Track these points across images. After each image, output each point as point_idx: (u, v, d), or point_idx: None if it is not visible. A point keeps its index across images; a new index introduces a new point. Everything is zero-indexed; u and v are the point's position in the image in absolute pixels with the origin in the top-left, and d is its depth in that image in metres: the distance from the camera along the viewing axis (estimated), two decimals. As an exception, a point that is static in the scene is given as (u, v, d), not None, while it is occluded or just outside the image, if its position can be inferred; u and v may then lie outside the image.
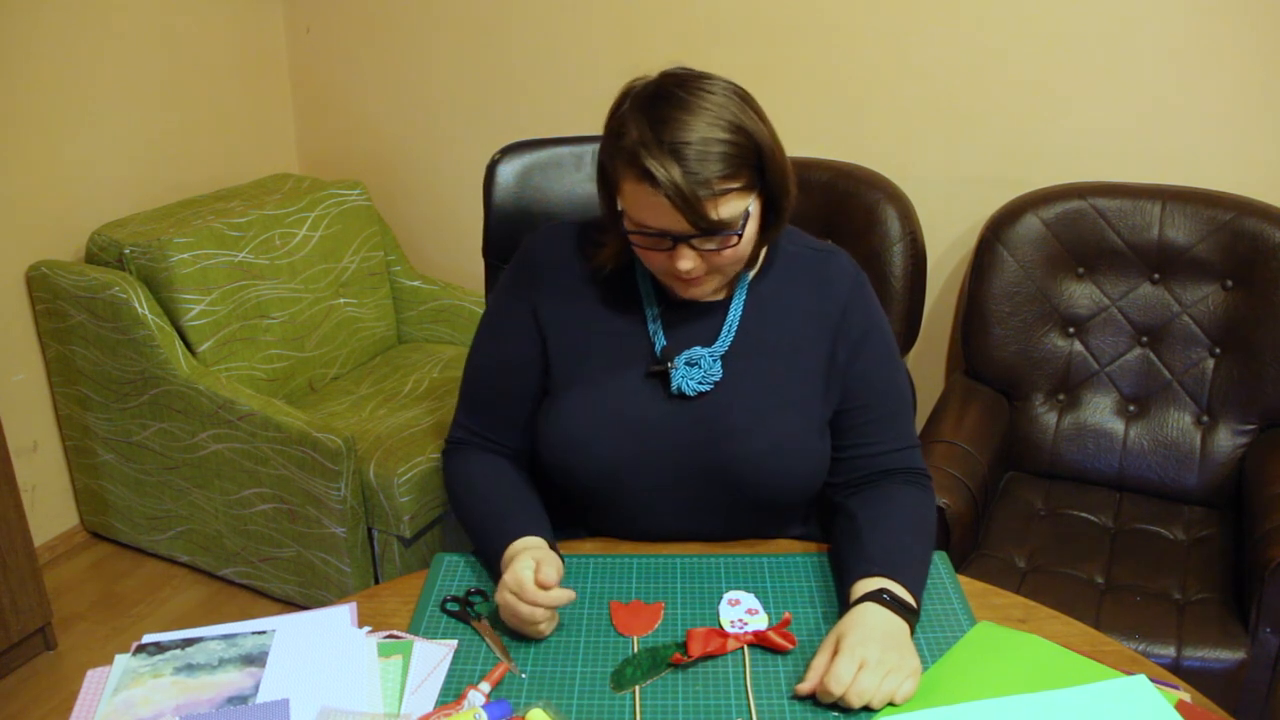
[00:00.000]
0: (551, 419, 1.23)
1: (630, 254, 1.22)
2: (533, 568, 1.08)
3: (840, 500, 1.25)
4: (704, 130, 1.07)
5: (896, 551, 1.14)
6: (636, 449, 1.20)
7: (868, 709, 0.99)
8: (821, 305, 1.24)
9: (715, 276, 1.17)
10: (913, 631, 1.08)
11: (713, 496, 1.23)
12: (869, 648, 1.00)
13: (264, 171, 2.84)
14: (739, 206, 1.10)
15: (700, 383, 1.20)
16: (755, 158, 1.10)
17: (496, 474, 1.28)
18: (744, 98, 1.13)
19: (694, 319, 1.23)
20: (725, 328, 1.22)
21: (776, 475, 1.21)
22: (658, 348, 1.22)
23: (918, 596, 1.11)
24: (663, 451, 1.21)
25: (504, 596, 1.09)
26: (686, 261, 1.11)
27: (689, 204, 1.06)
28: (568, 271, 1.26)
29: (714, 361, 1.20)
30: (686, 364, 1.20)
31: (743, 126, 1.09)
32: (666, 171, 1.05)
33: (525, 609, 1.06)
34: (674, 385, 1.20)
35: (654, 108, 1.09)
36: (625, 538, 1.28)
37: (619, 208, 1.14)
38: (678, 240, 1.10)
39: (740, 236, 1.11)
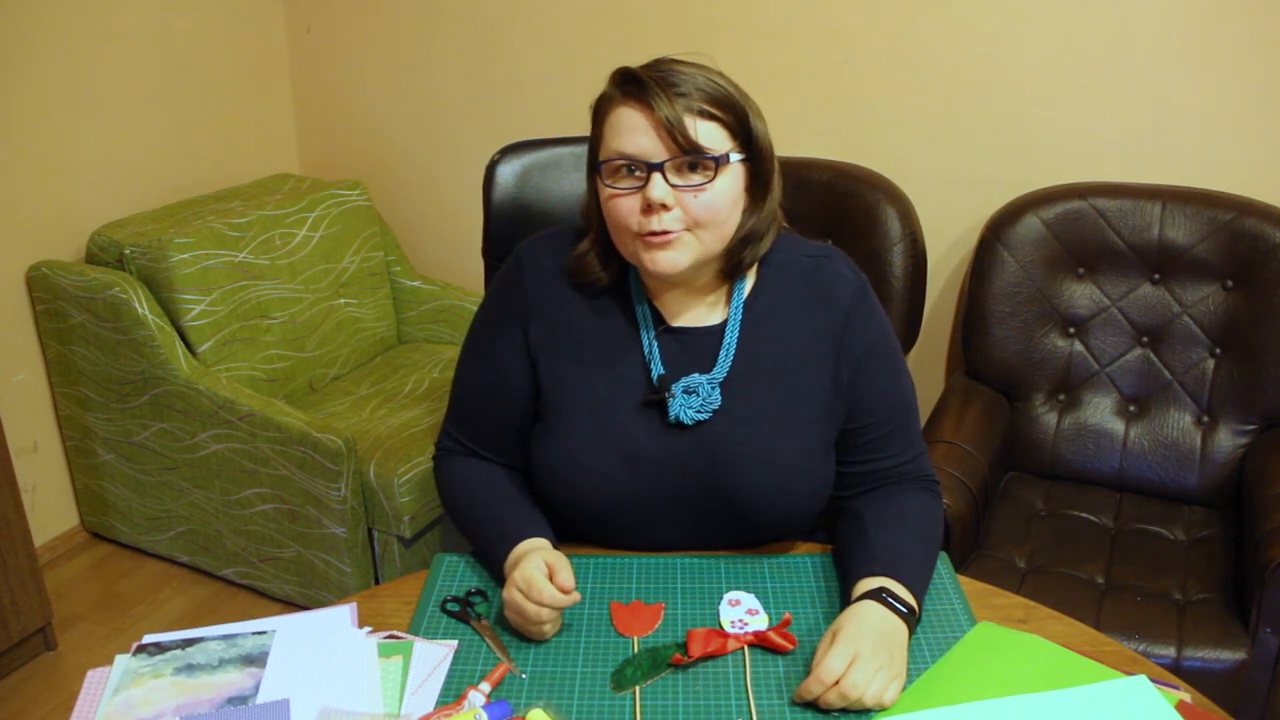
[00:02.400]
0: (547, 450, 1.21)
1: (623, 269, 1.20)
2: (543, 568, 1.08)
3: (847, 503, 1.25)
4: (694, 70, 1.11)
5: (901, 553, 1.13)
6: (635, 480, 1.18)
7: (861, 710, 0.99)
8: (821, 320, 1.20)
9: (689, 242, 1.11)
10: (911, 634, 1.07)
11: (714, 522, 1.22)
12: (862, 642, 1.00)
13: (264, 172, 2.84)
14: (721, 140, 1.10)
15: (699, 411, 1.16)
16: (743, 115, 1.11)
17: (490, 478, 1.27)
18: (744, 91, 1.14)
19: (691, 344, 1.20)
20: (723, 352, 1.18)
21: (778, 504, 1.19)
22: (654, 375, 1.18)
23: (920, 599, 1.10)
24: (662, 481, 1.18)
25: (512, 595, 1.08)
26: (658, 188, 1.07)
27: (675, 114, 1.06)
28: (560, 290, 1.22)
29: (712, 389, 1.17)
30: (684, 392, 1.17)
31: (729, 89, 1.11)
32: (652, 81, 1.08)
33: (532, 608, 1.06)
34: (672, 414, 1.17)
35: (646, 64, 1.13)
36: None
37: (599, 159, 1.13)
38: (653, 168, 1.08)
39: (716, 170, 1.09)
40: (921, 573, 1.13)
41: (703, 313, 1.21)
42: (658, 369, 1.19)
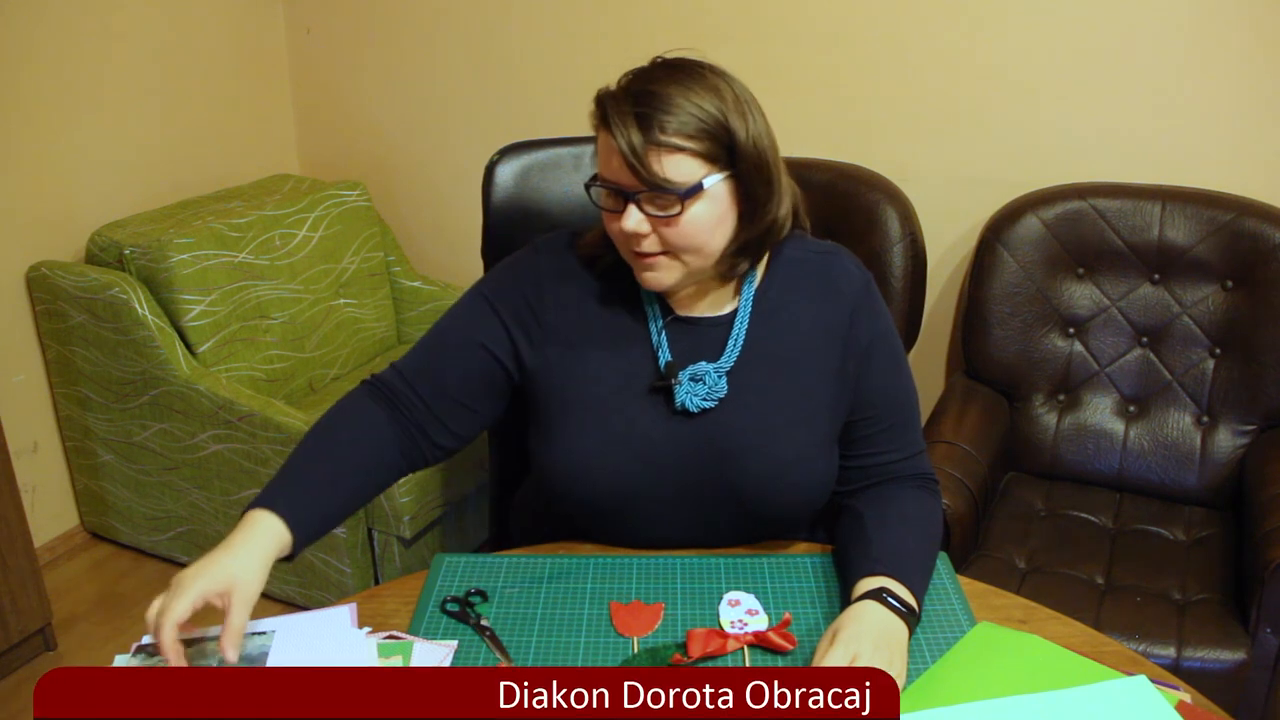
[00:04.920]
0: (554, 444, 1.20)
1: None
2: (209, 597, 0.98)
3: (847, 501, 1.25)
4: (675, 91, 1.06)
5: (901, 553, 1.13)
6: (641, 469, 1.18)
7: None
8: (828, 314, 1.21)
9: (671, 264, 1.12)
10: (911, 634, 1.07)
11: (718, 513, 1.22)
12: (862, 642, 1.00)
13: (264, 172, 2.84)
14: (691, 171, 1.06)
15: (705, 399, 1.17)
16: (724, 137, 1.07)
17: (355, 427, 1.18)
18: (739, 93, 1.10)
19: (699, 333, 1.20)
20: (730, 342, 1.19)
21: (783, 494, 1.19)
22: (661, 362, 1.19)
23: (920, 599, 1.11)
24: (668, 470, 1.18)
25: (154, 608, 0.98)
26: (630, 220, 1.08)
27: (634, 151, 1.04)
28: (570, 282, 1.22)
29: (719, 377, 1.17)
30: (691, 379, 1.17)
31: (709, 110, 1.06)
32: (620, 114, 1.05)
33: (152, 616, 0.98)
34: (678, 401, 1.17)
35: (639, 72, 1.10)
36: (629, 548, 1.27)
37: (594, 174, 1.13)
38: (627, 197, 1.08)
39: (682, 204, 1.07)
40: (921, 572, 1.13)
41: (712, 303, 1.21)
42: (665, 356, 1.19)
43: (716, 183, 1.08)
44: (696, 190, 1.07)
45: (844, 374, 1.21)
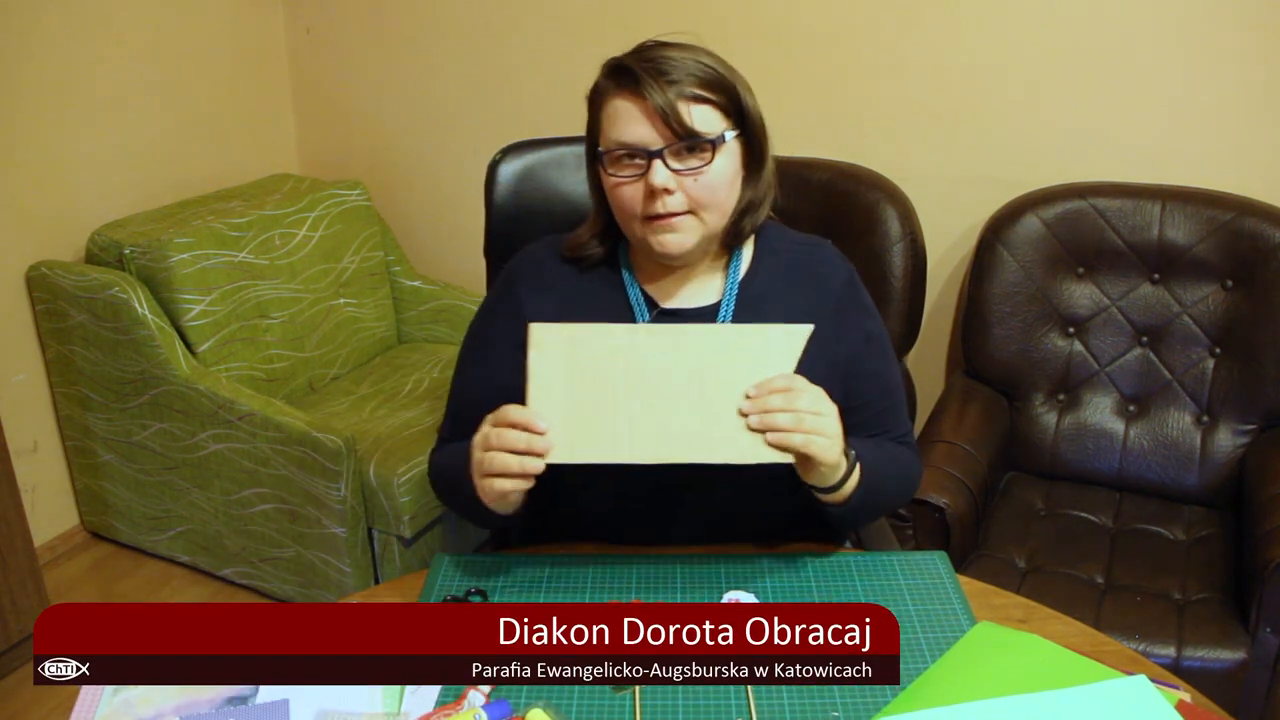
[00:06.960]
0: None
1: (614, 249, 1.21)
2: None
3: None
4: (684, 55, 1.14)
5: (863, 444, 1.17)
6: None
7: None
8: (813, 304, 1.23)
9: (693, 224, 1.14)
10: (848, 476, 1.11)
11: (713, 503, 1.22)
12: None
13: (264, 172, 2.84)
14: (715, 122, 1.12)
15: None
16: (734, 94, 1.14)
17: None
18: (731, 67, 1.18)
19: (685, 323, 1.21)
20: None
21: (777, 480, 1.20)
22: None
23: (864, 466, 1.13)
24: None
25: (476, 438, 1.07)
26: (659, 174, 1.11)
27: (668, 102, 1.09)
28: (553, 283, 1.24)
29: None
30: None
31: (718, 69, 1.14)
32: (643, 71, 1.10)
33: (496, 433, 1.03)
34: None
35: (638, 48, 1.17)
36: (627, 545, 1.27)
37: (600, 149, 1.16)
38: (652, 155, 1.11)
39: (714, 152, 1.12)
40: (874, 456, 1.17)
41: (696, 294, 1.23)
42: None
43: (732, 138, 1.15)
44: (721, 140, 1.13)
45: (833, 364, 1.22)
